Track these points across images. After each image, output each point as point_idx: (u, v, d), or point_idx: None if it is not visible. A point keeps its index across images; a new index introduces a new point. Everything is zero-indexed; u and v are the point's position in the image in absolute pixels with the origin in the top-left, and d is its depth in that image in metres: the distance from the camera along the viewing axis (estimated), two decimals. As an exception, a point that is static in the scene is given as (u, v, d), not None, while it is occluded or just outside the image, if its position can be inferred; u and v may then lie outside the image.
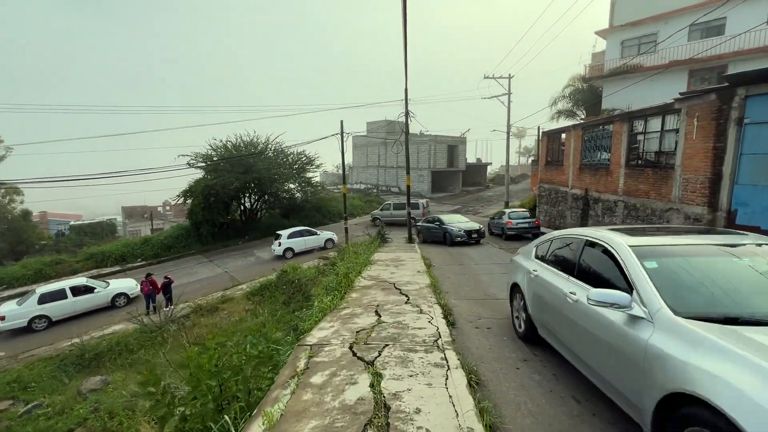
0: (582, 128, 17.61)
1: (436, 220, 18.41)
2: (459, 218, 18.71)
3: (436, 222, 18.28)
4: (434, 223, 18.31)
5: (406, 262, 10.80)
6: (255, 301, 15.27)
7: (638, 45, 24.76)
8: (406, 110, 16.13)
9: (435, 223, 18.31)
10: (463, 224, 17.31)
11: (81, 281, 16.21)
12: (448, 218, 18.26)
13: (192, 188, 25.76)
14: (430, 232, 18.32)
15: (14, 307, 14.50)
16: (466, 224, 17.33)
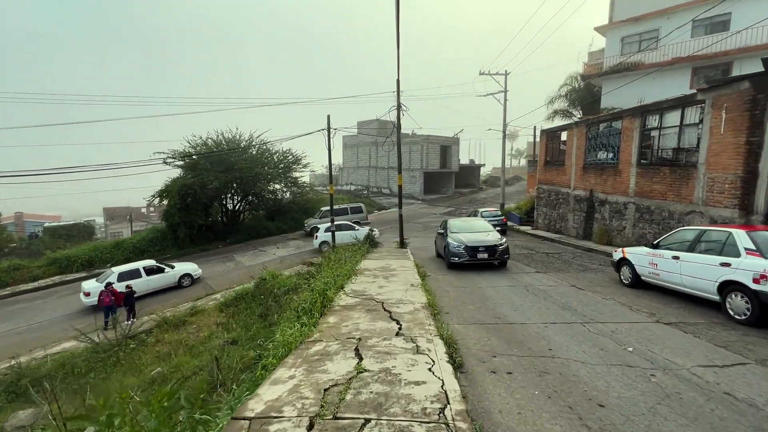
0: (586, 125, 16.44)
1: (442, 227, 13.18)
2: (475, 224, 12.66)
3: (441, 229, 13.10)
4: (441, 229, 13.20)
5: (398, 273, 9.37)
6: (228, 313, 13.67)
7: (639, 41, 23.83)
8: (398, 103, 14.75)
9: (441, 229, 13.14)
10: (475, 234, 11.36)
11: (151, 262, 17.43)
12: (458, 224, 12.54)
13: (168, 188, 23.98)
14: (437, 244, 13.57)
15: (96, 284, 15.48)
16: (480, 235, 11.32)
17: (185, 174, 24.49)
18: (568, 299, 7.03)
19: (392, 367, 3.64)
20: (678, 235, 7.38)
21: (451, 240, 11.01)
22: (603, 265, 11.02)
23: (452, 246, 10.78)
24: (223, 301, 14.38)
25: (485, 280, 9.20)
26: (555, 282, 8.68)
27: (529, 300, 7.05)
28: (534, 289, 7.97)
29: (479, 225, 12.55)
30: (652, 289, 7.61)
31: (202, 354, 11.19)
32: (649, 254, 7.67)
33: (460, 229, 11.76)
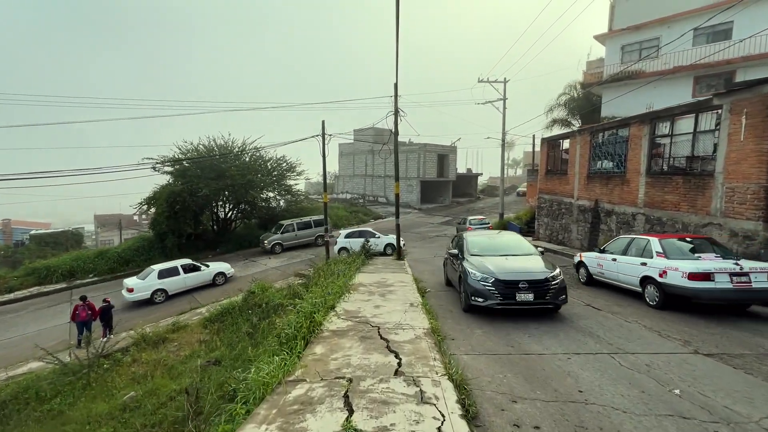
0: (590, 133, 15.88)
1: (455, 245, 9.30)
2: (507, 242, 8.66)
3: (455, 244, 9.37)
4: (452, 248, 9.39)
5: (395, 289, 8.57)
6: (213, 330, 12.75)
7: (639, 50, 23.55)
8: (395, 108, 14.12)
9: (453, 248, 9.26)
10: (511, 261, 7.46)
11: (188, 261, 18.08)
12: (480, 241, 8.55)
13: (156, 195, 23.10)
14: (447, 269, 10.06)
15: (139, 281, 16.31)
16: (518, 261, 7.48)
17: (175, 181, 23.66)
18: (587, 322, 6.27)
19: (390, 426, 2.85)
20: (617, 242, 9.50)
21: (471, 269, 7.10)
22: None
23: (474, 278, 6.87)
24: (208, 317, 13.45)
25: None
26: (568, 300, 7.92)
27: (543, 322, 6.29)
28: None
29: (513, 243, 8.53)
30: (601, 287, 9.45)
31: (181, 375, 10.27)
32: (597, 257, 9.61)
33: (485, 250, 8.02)
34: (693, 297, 6.72)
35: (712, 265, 6.72)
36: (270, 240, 23.62)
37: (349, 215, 33.73)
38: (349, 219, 33.09)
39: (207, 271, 17.95)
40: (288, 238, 23.93)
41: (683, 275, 6.77)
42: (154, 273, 16.42)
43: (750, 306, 7.11)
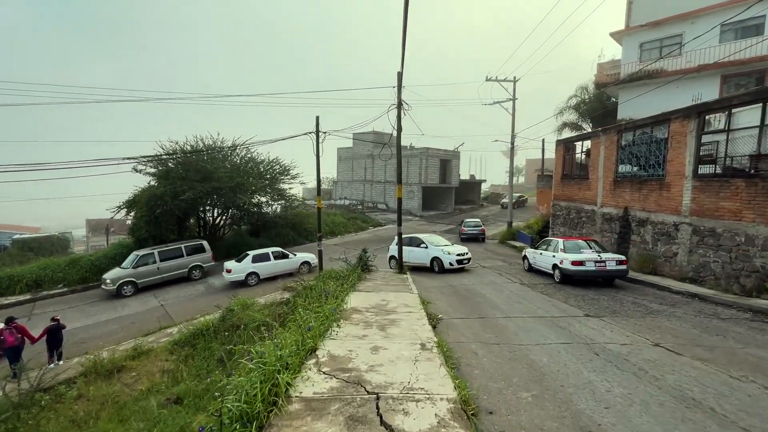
0: (617, 132, 14.13)
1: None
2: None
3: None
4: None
5: (399, 317, 6.68)
6: (182, 355, 10.81)
7: (660, 48, 21.92)
8: (399, 99, 12.35)
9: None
10: None
11: (278, 249, 19.05)
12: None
13: (136, 198, 21.24)
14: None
15: (236, 264, 17.42)
16: None
17: (158, 183, 21.80)
18: (679, 378, 4.38)
19: None
20: (543, 243, 13.15)
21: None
22: (669, 304, 8.40)
23: None
24: (178, 338, 11.49)
25: (523, 329, 6.51)
26: (626, 336, 6.02)
27: (616, 379, 4.39)
28: (605, 352, 5.30)
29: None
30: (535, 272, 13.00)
31: (133, 417, 8.33)
32: (533, 252, 13.32)
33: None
34: (574, 275, 10.65)
35: (585, 257, 10.52)
36: (115, 278, 16.87)
37: (346, 222, 31.88)
38: (347, 226, 31.23)
39: (294, 259, 18.49)
40: (145, 274, 17.59)
41: (570, 262, 10.58)
42: (249, 257, 17.54)
43: (614, 280, 10.98)
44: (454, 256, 14.18)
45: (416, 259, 14.89)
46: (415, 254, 14.98)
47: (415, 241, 15.29)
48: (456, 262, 14.05)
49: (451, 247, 14.93)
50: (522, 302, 8.70)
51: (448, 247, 14.78)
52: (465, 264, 14.43)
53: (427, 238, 15.47)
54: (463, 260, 14.34)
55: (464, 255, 14.48)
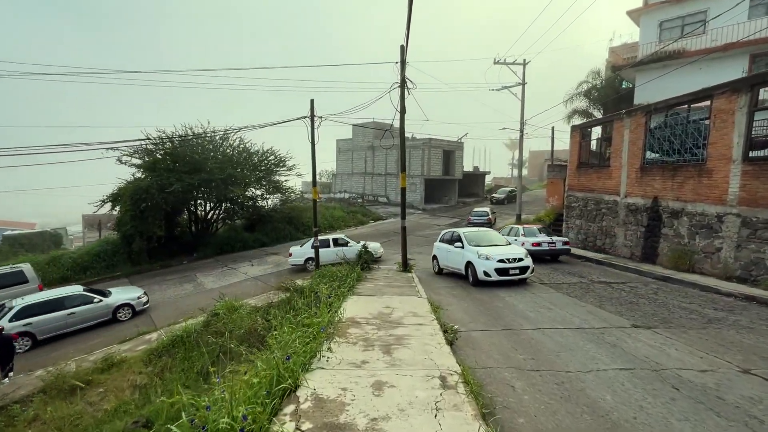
0: (644, 113, 12.71)
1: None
2: None
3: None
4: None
5: (408, 334, 5.36)
6: (157, 367, 9.53)
7: (681, 26, 20.36)
8: (402, 76, 10.93)
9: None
10: None
11: (340, 236, 18.60)
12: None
13: (121, 191, 19.91)
14: None
15: (298, 248, 17.50)
16: None
17: (145, 175, 20.46)
18: None
19: None
20: (505, 229, 15.69)
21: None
22: (725, 309, 7.08)
23: None
24: (156, 347, 10.22)
25: (564, 347, 5.20)
26: (699, 358, 4.69)
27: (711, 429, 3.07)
28: (685, 384, 3.97)
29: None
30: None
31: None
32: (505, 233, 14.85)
33: None
34: (534, 254, 11.82)
35: (541, 239, 13.44)
36: None
37: (345, 216, 30.54)
38: (346, 220, 29.89)
39: (353, 247, 17.05)
40: None
41: (531, 244, 13.06)
42: (309, 243, 17.11)
43: (559, 256, 13.97)
44: (494, 262, 9.51)
45: (454, 264, 11.06)
46: (453, 257, 11.14)
47: (455, 237, 11.38)
48: (498, 272, 9.41)
49: (502, 247, 10.31)
50: (552, 309, 7.37)
51: (497, 248, 10.21)
52: (520, 275, 9.72)
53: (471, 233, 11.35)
54: (517, 269, 9.62)
55: (516, 260, 9.69)
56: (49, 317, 11.80)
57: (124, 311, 13.20)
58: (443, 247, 11.87)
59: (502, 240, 11.13)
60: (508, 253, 9.82)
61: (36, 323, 11.56)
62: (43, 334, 11.73)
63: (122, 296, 13.50)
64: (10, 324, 11.11)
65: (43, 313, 11.76)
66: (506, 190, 41.72)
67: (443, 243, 12.02)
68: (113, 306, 13.01)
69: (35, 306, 11.82)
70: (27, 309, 11.63)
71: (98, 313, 12.72)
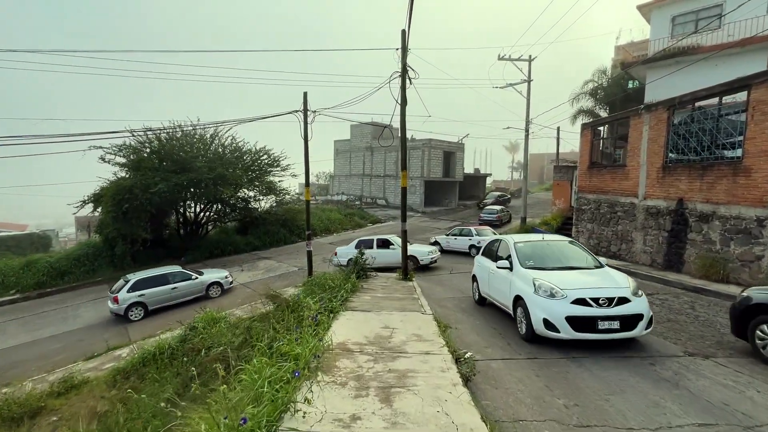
0: (667, 108, 11.67)
1: None
2: None
3: None
4: None
5: (412, 369, 4.25)
6: (124, 390, 8.33)
7: (695, 21, 19.42)
8: (403, 64, 9.86)
9: None
10: None
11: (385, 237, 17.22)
12: None
13: (103, 191, 18.74)
14: None
15: (344, 248, 16.53)
16: None
17: (130, 175, 19.30)
18: None
19: None
20: (455, 230, 18.98)
21: None
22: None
23: None
24: (124, 366, 9.04)
25: (612, 386, 4.08)
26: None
27: None
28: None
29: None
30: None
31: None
32: (447, 238, 18.85)
33: None
34: None
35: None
36: None
37: (342, 218, 29.42)
38: (343, 223, 28.77)
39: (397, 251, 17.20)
40: None
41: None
42: (353, 243, 16.62)
43: None
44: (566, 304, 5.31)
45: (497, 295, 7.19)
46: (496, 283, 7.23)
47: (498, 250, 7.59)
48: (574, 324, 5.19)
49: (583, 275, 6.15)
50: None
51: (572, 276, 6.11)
52: (622, 331, 5.29)
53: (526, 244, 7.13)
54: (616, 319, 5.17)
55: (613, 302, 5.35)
56: (157, 290, 13.37)
57: (214, 289, 14.59)
58: (484, 265, 7.88)
59: (585, 258, 6.61)
60: (594, 288, 5.49)
61: (147, 295, 13.13)
62: (153, 305, 13.26)
63: (213, 276, 14.90)
64: (128, 294, 12.82)
65: (152, 286, 13.32)
66: (495, 195, 38.12)
67: (485, 258, 8.10)
68: (206, 283, 14.45)
69: (147, 280, 13.39)
70: (140, 282, 13.21)
71: (194, 289, 14.16)
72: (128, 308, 12.76)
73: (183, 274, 14.21)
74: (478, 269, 8.45)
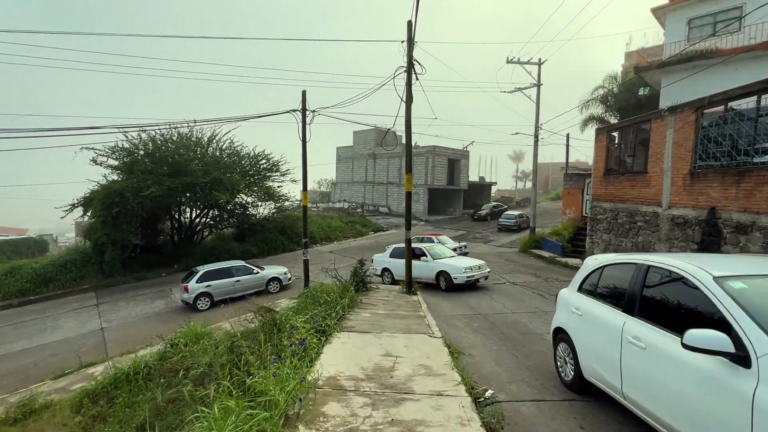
0: (695, 109, 10.77)
1: None
2: None
3: None
4: None
5: (420, 415, 3.31)
6: (88, 417, 7.40)
7: (713, 23, 18.65)
8: (409, 58, 9.04)
9: None
10: None
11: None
12: None
13: (93, 195, 17.94)
14: None
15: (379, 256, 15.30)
16: None
17: (123, 178, 18.51)
18: None
19: None
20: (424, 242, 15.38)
21: None
22: None
23: None
24: (94, 387, 8.06)
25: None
26: None
27: None
28: None
29: None
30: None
31: None
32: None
33: None
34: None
35: None
36: None
37: (344, 226, 28.50)
38: (344, 231, 27.84)
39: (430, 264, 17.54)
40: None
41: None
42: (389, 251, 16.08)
43: None
44: None
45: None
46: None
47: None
48: None
49: None
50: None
51: None
52: None
53: None
54: None
55: None
56: (223, 282, 13.83)
57: (273, 284, 14.91)
58: (599, 318, 3.96)
59: None
60: None
61: (214, 286, 13.66)
62: (218, 296, 13.62)
63: (273, 271, 15.35)
64: (197, 284, 13.42)
65: (218, 278, 13.86)
66: (490, 206, 35.80)
67: (592, 300, 4.25)
68: (266, 278, 14.84)
69: (213, 272, 14.01)
70: (207, 274, 13.83)
71: (255, 283, 14.53)
72: (196, 298, 13.35)
73: (246, 268, 14.70)
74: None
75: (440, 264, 11.78)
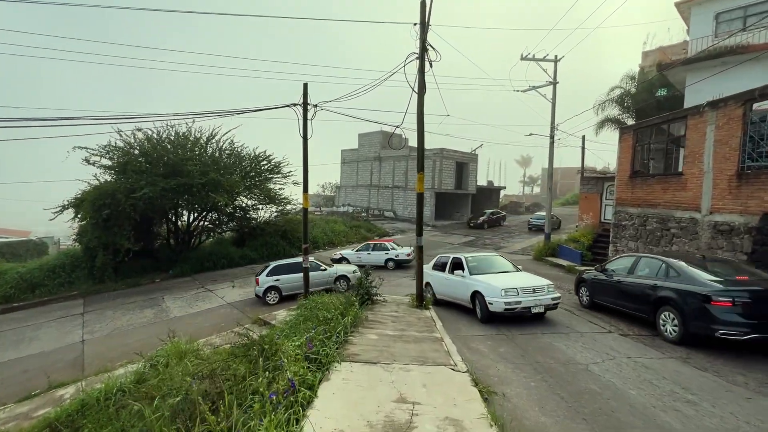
0: (742, 103, 9.60)
1: None
2: None
3: None
4: None
5: None
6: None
7: (743, 17, 17.47)
8: (422, 42, 8.00)
9: None
10: None
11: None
12: None
13: (84, 196, 17.04)
14: None
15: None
16: None
17: (116, 178, 17.63)
18: None
19: None
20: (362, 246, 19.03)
21: None
22: None
23: None
24: (56, 416, 6.99)
25: None
26: None
27: None
28: None
29: None
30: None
31: None
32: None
33: None
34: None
35: None
36: None
37: (348, 231, 27.43)
38: (348, 236, 26.76)
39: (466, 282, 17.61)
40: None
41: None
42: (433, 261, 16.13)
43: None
44: None
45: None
46: None
47: None
48: None
49: None
50: (693, 401, 4.12)
51: None
52: None
53: None
54: None
55: None
56: (290, 277, 13.74)
57: (340, 283, 14.26)
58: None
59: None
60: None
61: (282, 280, 13.75)
62: (286, 291, 13.72)
63: (341, 269, 14.84)
64: (267, 278, 13.69)
65: (287, 272, 13.86)
66: (488, 212, 33.85)
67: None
68: (334, 276, 14.32)
69: (282, 266, 14.13)
70: (277, 268, 14.04)
71: (322, 280, 14.07)
72: (266, 291, 13.50)
73: (314, 264, 14.41)
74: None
75: (476, 282, 8.64)
